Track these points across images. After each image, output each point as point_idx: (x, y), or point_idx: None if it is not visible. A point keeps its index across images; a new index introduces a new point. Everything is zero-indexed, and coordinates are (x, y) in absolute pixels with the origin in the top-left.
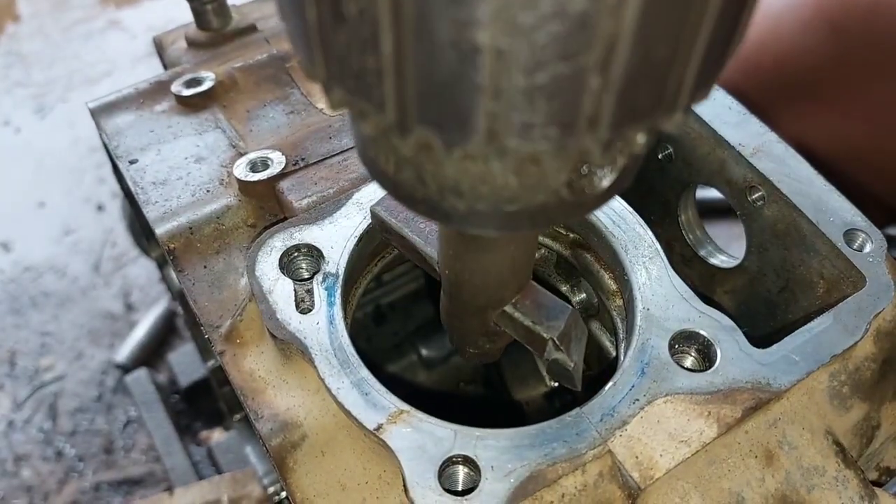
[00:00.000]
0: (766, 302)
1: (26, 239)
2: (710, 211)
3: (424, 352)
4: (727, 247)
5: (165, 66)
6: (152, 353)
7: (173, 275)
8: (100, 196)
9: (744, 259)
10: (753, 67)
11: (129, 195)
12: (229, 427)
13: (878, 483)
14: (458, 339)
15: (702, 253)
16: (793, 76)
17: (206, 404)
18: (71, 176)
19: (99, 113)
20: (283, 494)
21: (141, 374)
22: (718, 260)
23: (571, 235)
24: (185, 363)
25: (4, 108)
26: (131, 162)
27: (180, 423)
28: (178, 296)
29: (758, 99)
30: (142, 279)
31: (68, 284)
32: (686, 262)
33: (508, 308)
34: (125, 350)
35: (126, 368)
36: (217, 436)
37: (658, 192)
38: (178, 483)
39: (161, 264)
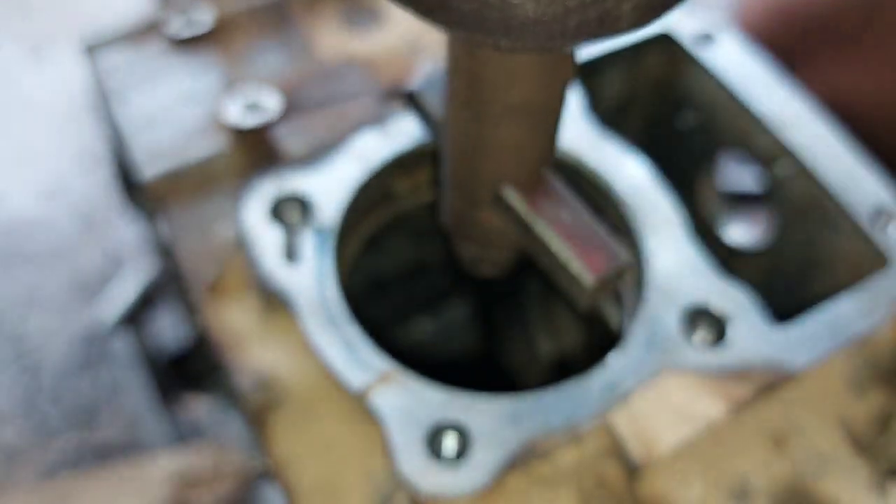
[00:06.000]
0: (785, 282)
1: (17, 192)
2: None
3: (423, 326)
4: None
5: (163, 6)
6: (139, 315)
7: (161, 229)
8: (94, 152)
9: (763, 236)
10: (782, 14)
11: (117, 138)
12: (214, 394)
13: (889, 476)
14: (460, 233)
15: (719, 229)
16: (822, 24)
17: (192, 369)
18: (66, 131)
19: (92, 50)
20: (267, 462)
21: (126, 336)
22: (735, 237)
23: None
24: (171, 327)
25: (2, 58)
26: (122, 101)
27: (165, 388)
28: (165, 252)
29: (786, 47)
30: (132, 240)
31: (57, 241)
32: (702, 239)
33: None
34: (112, 312)
35: (113, 330)
36: (201, 402)
37: (677, 163)
38: (160, 448)
39: (149, 218)
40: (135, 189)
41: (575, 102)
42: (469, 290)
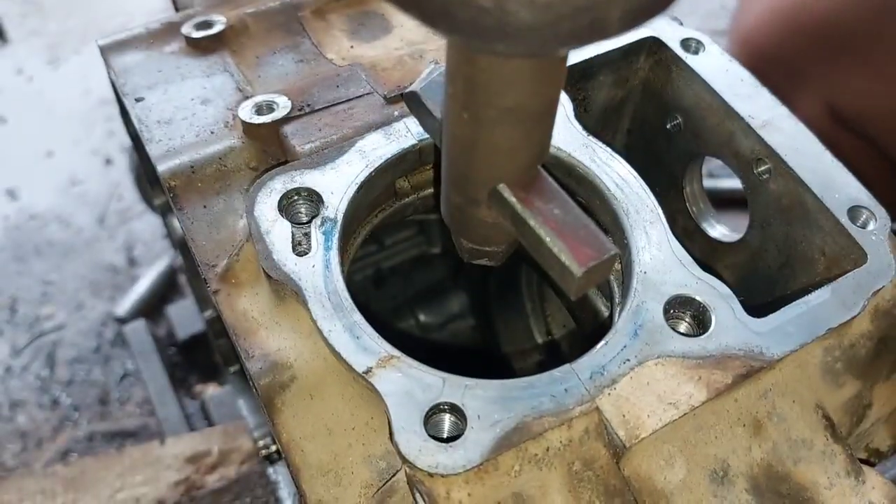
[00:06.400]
0: (766, 277)
1: (33, 187)
2: (719, 202)
3: (422, 317)
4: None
5: (177, 8)
6: (152, 307)
7: (176, 223)
8: (108, 149)
9: (746, 234)
10: (794, 26)
11: (133, 135)
12: (223, 381)
13: (866, 463)
14: (458, 227)
15: (704, 226)
16: (833, 35)
17: (202, 358)
18: (80, 127)
19: (108, 50)
20: (273, 447)
21: (139, 324)
22: (720, 234)
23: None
24: (183, 317)
25: (18, 56)
26: (137, 100)
27: (176, 376)
28: (180, 244)
29: (797, 59)
30: (146, 234)
31: (72, 235)
32: (688, 236)
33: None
34: (125, 303)
35: (125, 321)
36: (211, 390)
37: (665, 163)
38: (171, 434)
39: (165, 214)
40: (150, 184)
41: (565, 106)
42: (467, 281)
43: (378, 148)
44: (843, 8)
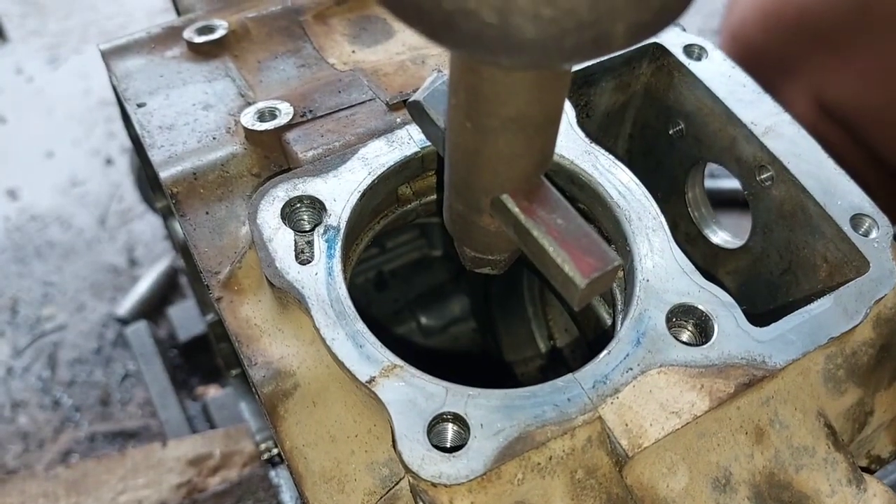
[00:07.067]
0: (768, 284)
1: (33, 188)
2: (719, 202)
3: (424, 320)
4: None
5: (179, 13)
6: (153, 308)
7: (177, 226)
8: (109, 150)
9: (748, 240)
10: (776, 19)
11: (135, 140)
12: (225, 384)
13: (867, 471)
14: (461, 235)
15: (706, 232)
16: (814, 29)
17: (204, 360)
18: (81, 128)
19: (110, 55)
20: (275, 451)
21: (140, 326)
22: (722, 240)
23: (576, 206)
24: (184, 318)
25: (18, 56)
26: (139, 105)
27: (177, 378)
28: (181, 248)
29: (782, 52)
30: (146, 235)
31: (73, 236)
32: (690, 241)
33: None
34: (126, 304)
35: (126, 322)
36: (213, 392)
37: (667, 168)
38: (172, 436)
39: (166, 216)
40: (152, 188)
41: (568, 113)
42: (468, 284)
43: (380, 155)
44: (824, 2)
